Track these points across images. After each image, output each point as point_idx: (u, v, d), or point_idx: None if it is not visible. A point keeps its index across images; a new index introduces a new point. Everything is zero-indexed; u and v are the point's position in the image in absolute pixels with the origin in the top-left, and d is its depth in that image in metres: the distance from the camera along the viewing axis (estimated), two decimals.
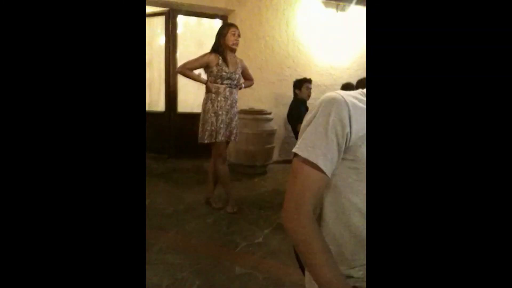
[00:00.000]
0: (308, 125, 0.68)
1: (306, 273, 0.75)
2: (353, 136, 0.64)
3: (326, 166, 0.64)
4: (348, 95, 0.68)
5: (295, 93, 3.57)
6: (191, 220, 2.42)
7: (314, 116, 0.67)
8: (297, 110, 3.43)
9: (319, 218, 0.72)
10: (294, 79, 3.61)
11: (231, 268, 1.83)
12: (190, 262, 1.85)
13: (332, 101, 0.66)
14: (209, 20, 4.07)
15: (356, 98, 0.68)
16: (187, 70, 2.41)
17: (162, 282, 1.65)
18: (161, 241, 2.09)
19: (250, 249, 2.05)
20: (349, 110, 0.64)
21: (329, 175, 0.65)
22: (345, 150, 0.65)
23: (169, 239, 2.14)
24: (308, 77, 3.59)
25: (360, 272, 0.68)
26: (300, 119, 3.39)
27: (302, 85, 3.50)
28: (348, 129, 0.64)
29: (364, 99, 0.69)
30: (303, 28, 4.19)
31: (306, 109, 3.56)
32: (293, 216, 0.64)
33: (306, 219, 0.63)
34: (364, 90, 0.72)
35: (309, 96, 3.56)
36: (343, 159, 0.66)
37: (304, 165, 0.65)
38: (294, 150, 0.67)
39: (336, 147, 0.64)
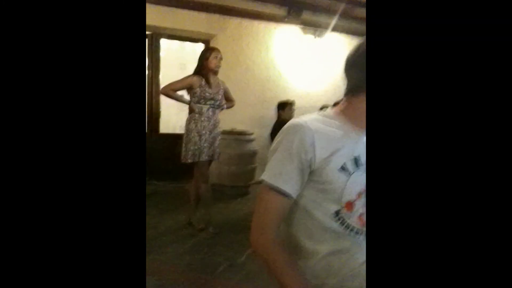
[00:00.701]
0: (274, 151, 0.72)
1: None
2: (317, 160, 0.68)
3: (292, 190, 0.68)
4: (313, 119, 0.72)
5: (278, 114, 3.65)
6: (171, 243, 2.37)
7: (280, 143, 0.71)
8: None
9: (291, 237, 0.76)
10: (278, 101, 3.71)
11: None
12: (169, 286, 1.81)
13: (296, 128, 0.70)
14: (192, 44, 4.17)
15: (320, 121, 0.72)
16: (171, 91, 2.45)
17: None
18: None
19: (230, 272, 2.02)
20: (312, 136, 0.68)
21: (294, 198, 0.70)
22: (311, 173, 0.69)
23: (147, 263, 2.09)
24: (290, 99, 3.70)
25: (333, 280, 0.71)
26: None
27: (285, 106, 3.60)
28: (311, 155, 0.68)
29: (329, 120, 0.73)
30: (283, 52, 4.35)
31: None
32: (259, 239, 0.69)
33: (271, 241, 0.68)
34: (328, 110, 0.78)
35: (291, 117, 3.65)
36: (310, 181, 0.70)
37: (270, 191, 0.69)
38: (261, 177, 0.71)
39: (300, 172, 0.68)
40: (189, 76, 2.50)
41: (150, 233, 2.51)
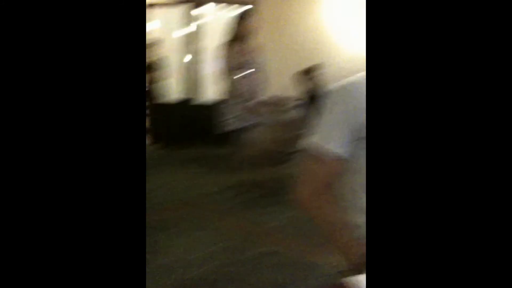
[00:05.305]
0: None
1: None
2: None
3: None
4: None
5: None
6: (225, 201, 2.53)
7: None
8: None
9: None
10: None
11: (260, 245, 1.91)
12: (221, 238, 1.95)
13: None
14: (239, 8, 4.12)
15: None
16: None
17: (191, 255, 1.77)
18: (194, 218, 2.21)
19: (279, 229, 2.12)
20: None
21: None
22: None
23: (203, 216, 2.26)
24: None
25: None
26: None
27: (309, 73, 3.49)
28: None
29: None
30: (331, 14, 4.13)
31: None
32: (321, 203, 0.73)
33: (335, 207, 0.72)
34: None
35: (315, 84, 3.54)
36: None
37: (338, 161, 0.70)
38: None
39: None
40: (224, 45, 2.56)
41: (205, 191, 2.70)
